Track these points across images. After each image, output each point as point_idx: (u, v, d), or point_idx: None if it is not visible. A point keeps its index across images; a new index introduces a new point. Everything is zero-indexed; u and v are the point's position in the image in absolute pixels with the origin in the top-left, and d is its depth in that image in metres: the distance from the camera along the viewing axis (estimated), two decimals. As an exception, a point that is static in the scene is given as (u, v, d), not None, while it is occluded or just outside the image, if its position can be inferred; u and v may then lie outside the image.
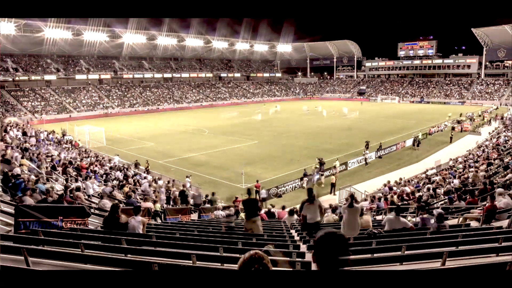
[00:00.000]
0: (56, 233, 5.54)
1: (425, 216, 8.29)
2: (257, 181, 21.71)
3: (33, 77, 67.14)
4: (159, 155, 31.64)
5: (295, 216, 11.65)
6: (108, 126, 44.89)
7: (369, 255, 4.64)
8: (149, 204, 10.15)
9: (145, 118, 62.50)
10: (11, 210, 8.22)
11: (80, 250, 4.20)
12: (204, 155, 31.53)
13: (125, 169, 22.70)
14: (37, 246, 4.75)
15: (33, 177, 13.50)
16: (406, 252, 4.31)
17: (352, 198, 7.87)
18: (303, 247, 6.18)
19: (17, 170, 13.18)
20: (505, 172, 13.76)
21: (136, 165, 25.18)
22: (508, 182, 11.81)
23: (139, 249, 4.94)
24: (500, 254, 3.98)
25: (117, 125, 51.03)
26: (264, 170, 26.37)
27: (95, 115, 63.87)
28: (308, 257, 5.19)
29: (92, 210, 9.83)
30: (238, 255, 5.00)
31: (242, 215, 11.96)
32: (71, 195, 11.26)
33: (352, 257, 4.74)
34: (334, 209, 12.81)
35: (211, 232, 7.37)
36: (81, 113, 63.79)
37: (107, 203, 10.47)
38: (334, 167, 25.23)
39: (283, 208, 16.47)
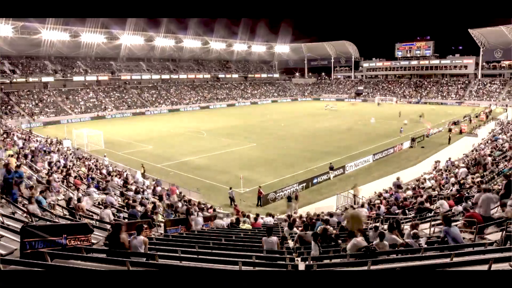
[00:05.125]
0: (62, 255, 5.68)
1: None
2: (260, 187, 21.77)
3: (30, 79, 67.00)
4: (158, 158, 31.73)
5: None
6: (106, 129, 44.91)
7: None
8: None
9: (143, 119, 62.55)
10: (13, 223, 8.37)
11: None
12: (202, 158, 31.64)
13: (123, 174, 22.78)
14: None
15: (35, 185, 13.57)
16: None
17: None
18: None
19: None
20: (499, 180, 13.95)
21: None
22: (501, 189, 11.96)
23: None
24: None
25: (116, 127, 51.04)
26: (262, 174, 26.51)
27: (93, 117, 63.82)
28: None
29: (94, 222, 9.96)
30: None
31: (242, 225, 12.12)
32: (73, 205, 11.43)
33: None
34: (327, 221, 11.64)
35: (210, 248, 7.51)
36: (79, 114, 63.72)
37: (109, 214, 10.62)
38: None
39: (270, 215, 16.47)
